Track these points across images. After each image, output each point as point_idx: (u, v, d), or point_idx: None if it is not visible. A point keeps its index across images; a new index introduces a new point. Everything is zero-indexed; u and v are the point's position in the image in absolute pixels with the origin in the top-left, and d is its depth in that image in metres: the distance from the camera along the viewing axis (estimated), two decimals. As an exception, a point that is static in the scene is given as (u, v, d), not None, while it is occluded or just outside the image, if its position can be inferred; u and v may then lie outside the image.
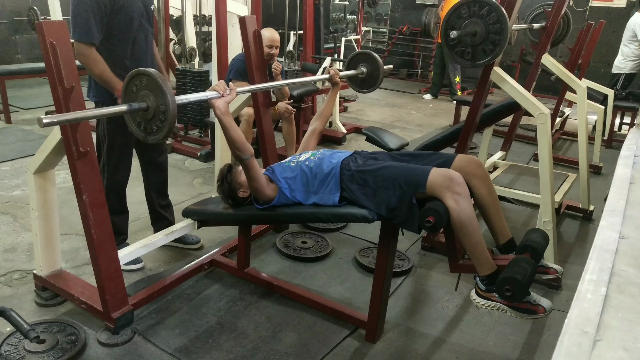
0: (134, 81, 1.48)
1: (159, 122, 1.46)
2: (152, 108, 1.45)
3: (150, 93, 1.44)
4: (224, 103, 1.79)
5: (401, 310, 2.39)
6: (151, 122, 1.48)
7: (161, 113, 1.44)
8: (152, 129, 1.50)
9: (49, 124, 1.37)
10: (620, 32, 6.08)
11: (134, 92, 1.49)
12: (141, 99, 1.47)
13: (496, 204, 1.94)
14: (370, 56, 2.55)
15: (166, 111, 1.42)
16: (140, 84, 1.47)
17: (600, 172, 4.60)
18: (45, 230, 2.21)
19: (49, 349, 1.93)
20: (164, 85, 1.41)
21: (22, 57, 7.18)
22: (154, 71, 1.46)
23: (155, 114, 1.46)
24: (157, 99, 1.43)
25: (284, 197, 2.03)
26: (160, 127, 1.46)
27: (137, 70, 1.49)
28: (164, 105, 1.42)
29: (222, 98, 1.79)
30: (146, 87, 1.45)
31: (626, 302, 0.80)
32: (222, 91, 1.79)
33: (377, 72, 2.53)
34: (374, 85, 2.58)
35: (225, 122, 1.80)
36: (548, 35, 3.37)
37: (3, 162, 3.92)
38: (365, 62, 2.56)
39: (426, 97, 7.68)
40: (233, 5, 4.36)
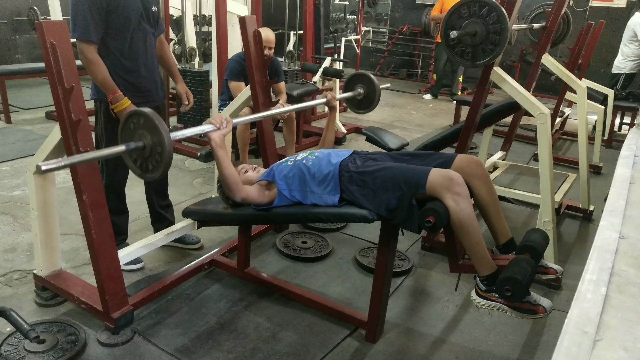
0: (132, 119, 1.50)
1: (155, 161, 1.48)
2: (148, 147, 1.47)
3: (147, 132, 1.46)
4: (220, 136, 1.81)
5: (401, 310, 2.39)
6: (148, 160, 1.49)
7: (157, 153, 1.46)
8: (148, 167, 1.51)
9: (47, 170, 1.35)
10: (620, 32, 6.08)
11: (132, 129, 1.50)
12: (138, 137, 1.48)
13: (496, 204, 1.94)
14: (366, 77, 2.59)
15: (162, 151, 1.44)
16: (137, 123, 1.48)
17: (600, 172, 4.60)
18: (45, 230, 2.21)
19: (49, 349, 1.93)
20: (160, 125, 1.43)
21: (22, 57, 7.18)
22: (150, 111, 1.47)
23: (152, 153, 1.47)
24: (153, 138, 1.45)
25: (284, 199, 2.03)
26: (157, 166, 1.48)
27: (134, 110, 1.51)
28: (159, 145, 1.44)
29: (218, 131, 1.82)
30: (143, 127, 1.47)
31: (626, 302, 0.80)
32: (218, 124, 1.82)
33: (373, 92, 2.56)
34: (371, 105, 2.61)
35: (220, 156, 1.82)
36: (548, 35, 3.37)
37: (3, 162, 3.93)
38: (362, 82, 2.59)
39: (426, 97, 7.68)
40: (233, 5, 4.35)
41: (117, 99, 2.20)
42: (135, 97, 2.36)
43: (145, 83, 2.39)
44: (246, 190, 1.95)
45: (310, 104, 2.50)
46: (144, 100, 2.41)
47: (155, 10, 2.39)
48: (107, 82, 2.19)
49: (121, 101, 2.20)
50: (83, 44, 2.14)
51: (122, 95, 2.20)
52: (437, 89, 7.66)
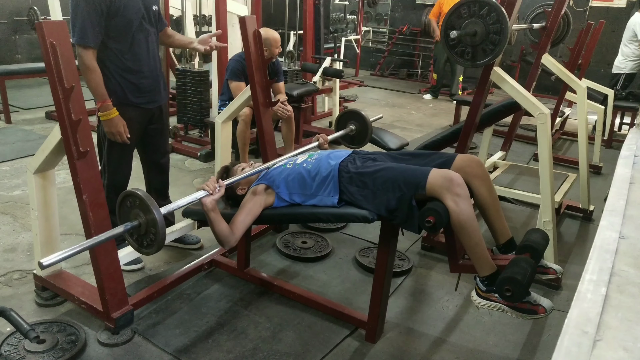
0: (128, 199, 1.59)
1: (150, 239, 1.57)
2: (144, 225, 1.56)
3: (141, 212, 1.56)
4: (211, 201, 1.84)
5: (401, 310, 2.39)
6: (144, 237, 1.59)
7: (152, 231, 1.55)
8: (143, 243, 1.61)
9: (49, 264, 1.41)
10: (620, 32, 6.08)
11: (128, 207, 1.59)
12: (134, 216, 1.58)
13: (496, 204, 1.94)
14: (356, 113, 2.61)
15: (156, 231, 1.54)
16: (133, 202, 1.57)
17: (600, 172, 4.60)
18: (45, 230, 2.21)
19: (49, 349, 1.93)
20: (152, 206, 1.51)
21: (22, 57, 7.18)
22: (142, 193, 1.54)
23: (147, 230, 1.56)
24: (146, 217, 1.54)
25: (283, 201, 2.02)
26: (153, 241, 1.57)
27: (127, 192, 1.59)
28: (153, 226, 1.54)
29: (210, 196, 1.84)
30: (138, 207, 1.56)
31: (626, 302, 0.80)
32: (211, 190, 1.84)
33: (365, 128, 2.58)
34: (364, 140, 2.63)
35: (212, 218, 1.86)
36: (548, 35, 3.37)
37: (3, 162, 3.93)
38: (353, 119, 2.61)
39: (426, 97, 7.67)
40: (233, 5, 4.36)
41: (106, 108, 2.21)
42: (138, 98, 2.37)
43: (147, 83, 2.39)
44: (238, 230, 1.95)
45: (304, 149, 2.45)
46: (147, 100, 2.41)
47: (156, 9, 2.40)
48: (100, 89, 2.19)
49: (109, 111, 2.21)
50: (81, 48, 2.15)
51: (111, 105, 2.22)
52: (438, 89, 7.66)
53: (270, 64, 3.76)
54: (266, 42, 3.14)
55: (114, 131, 2.26)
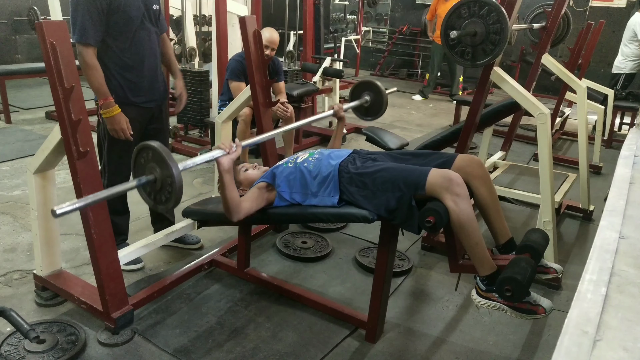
0: (142, 154, 1.54)
1: (167, 192, 1.51)
2: (159, 180, 1.50)
3: (157, 165, 1.50)
4: (229, 160, 1.81)
5: (401, 310, 2.39)
6: (160, 192, 1.53)
7: (168, 185, 1.49)
8: (161, 199, 1.55)
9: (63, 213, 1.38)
10: (620, 32, 6.08)
11: (142, 163, 1.54)
12: (149, 171, 1.52)
13: (496, 204, 1.94)
14: (371, 84, 2.57)
15: (172, 182, 1.48)
16: (147, 157, 1.52)
17: (600, 172, 4.60)
18: (45, 230, 2.21)
19: (49, 349, 1.93)
20: (169, 158, 1.46)
21: (22, 57, 7.18)
22: (159, 145, 1.50)
23: (163, 185, 1.51)
24: (162, 171, 1.49)
25: (284, 200, 2.03)
26: (169, 197, 1.51)
27: (143, 144, 1.54)
28: (169, 177, 1.47)
29: (227, 156, 1.80)
30: (153, 160, 1.51)
31: (626, 302, 0.80)
32: (227, 149, 1.81)
33: (380, 99, 2.54)
34: (379, 112, 2.59)
35: (226, 180, 1.82)
36: (548, 35, 3.37)
37: (3, 162, 3.93)
38: (368, 90, 2.57)
39: (415, 97, 7.60)
40: (233, 5, 4.36)
41: (108, 106, 2.21)
42: (138, 96, 2.37)
43: (147, 82, 2.39)
44: (244, 209, 1.94)
45: (318, 117, 2.47)
46: (147, 99, 2.41)
47: (157, 8, 2.39)
48: (101, 86, 2.19)
49: (111, 108, 2.21)
50: (81, 46, 2.15)
51: (113, 103, 2.22)
52: (429, 90, 7.58)
53: (270, 64, 3.76)
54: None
55: (117, 128, 2.26)
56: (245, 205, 1.95)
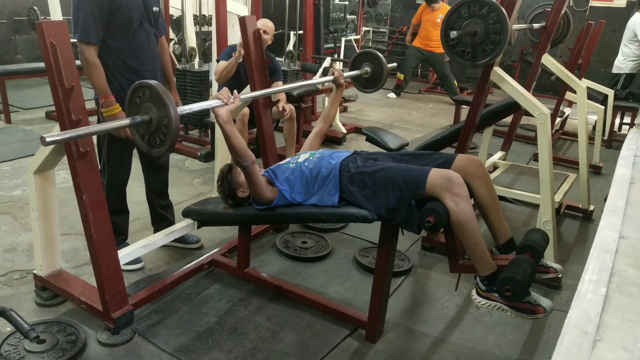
0: (137, 93, 1.48)
1: (162, 134, 1.47)
2: (155, 120, 1.45)
3: (153, 105, 1.44)
4: (226, 111, 1.78)
5: (401, 310, 2.39)
6: (155, 134, 1.48)
7: (164, 125, 1.45)
8: (155, 141, 1.50)
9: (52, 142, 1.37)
10: (620, 32, 6.08)
11: (137, 104, 1.48)
12: (144, 111, 1.47)
13: (496, 204, 1.94)
14: (373, 55, 2.54)
15: (169, 123, 1.43)
16: (143, 96, 1.47)
17: (600, 172, 4.60)
18: (45, 230, 2.21)
19: (49, 349, 1.93)
20: (166, 98, 1.41)
21: (22, 57, 7.18)
22: (156, 83, 1.45)
23: (159, 126, 1.46)
24: (159, 111, 1.43)
25: (283, 199, 2.03)
26: (164, 140, 1.47)
27: (140, 82, 1.49)
28: (166, 117, 1.43)
29: (225, 106, 1.78)
30: (149, 100, 1.45)
31: (626, 302, 0.80)
32: (225, 99, 1.78)
33: (380, 71, 2.53)
34: (378, 84, 2.57)
35: (227, 130, 1.80)
36: (548, 35, 3.37)
37: (3, 162, 3.92)
38: (369, 61, 2.55)
39: (390, 95, 7.62)
40: (233, 5, 4.36)
41: (109, 104, 2.21)
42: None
43: None
44: (255, 165, 1.91)
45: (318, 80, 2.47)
46: None
47: (157, 10, 2.40)
48: (103, 85, 2.19)
49: (112, 107, 2.21)
50: (83, 45, 2.15)
51: (114, 101, 2.22)
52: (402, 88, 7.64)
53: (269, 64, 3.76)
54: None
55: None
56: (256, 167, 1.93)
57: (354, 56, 2.62)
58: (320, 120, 2.48)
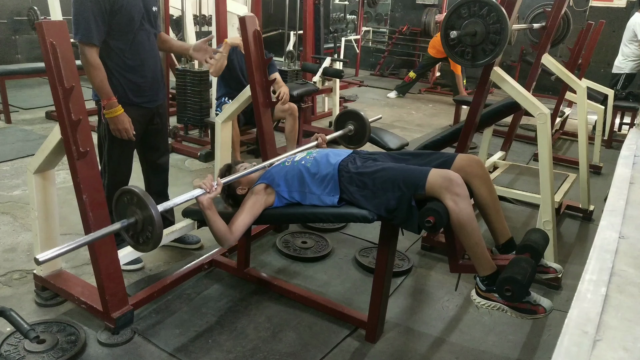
0: (125, 195, 1.58)
1: (148, 233, 1.56)
2: (140, 222, 1.55)
3: (137, 209, 1.55)
4: (207, 199, 1.85)
5: (401, 310, 2.39)
6: (140, 234, 1.58)
7: (148, 228, 1.54)
8: (141, 240, 1.59)
9: (45, 261, 1.41)
10: (620, 32, 6.08)
11: (125, 203, 1.59)
12: (130, 213, 1.57)
13: (496, 203, 1.94)
14: (355, 114, 2.61)
15: (152, 230, 1.53)
16: (130, 200, 1.56)
17: (600, 172, 4.60)
18: (45, 230, 2.21)
19: (49, 349, 1.93)
20: (148, 203, 1.51)
21: (22, 57, 7.18)
22: (139, 190, 1.53)
23: (144, 227, 1.55)
24: (143, 214, 1.53)
25: (283, 200, 2.02)
26: (149, 239, 1.56)
27: (123, 188, 1.58)
28: (150, 224, 1.52)
29: (207, 194, 1.84)
30: (135, 204, 1.55)
31: (626, 302, 0.80)
32: (207, 188, 1.84)
33: (363, 128, 2.59)
34: (362, 140, 2.63)
35: (208, 216, 1.86)
36: (548, 35, 3.37)
37: (3, 162, 3.92)
38: (352, 119, 2.62)
39: (391, 95, 7.61)
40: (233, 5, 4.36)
41: (111, 106, 2.21)
42: (138, 97, 2.37)
43: (148, 83, 2.39)
44: (237, 230, 1.94)
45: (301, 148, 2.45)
46: (147, 100, 2.41)
47: (156, 10, 2.40)
48: (105, 87, 2.19)
49: (114, 108, 2.21)
50: (85, 46, 2.14)
51: (116, 103, 2.22)
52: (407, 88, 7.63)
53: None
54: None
55: (120, 128, 2.26)
56: (238, 223, 1.95)
57: (337, 116, 2.68)
58: None
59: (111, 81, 2.25)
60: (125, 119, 2.26)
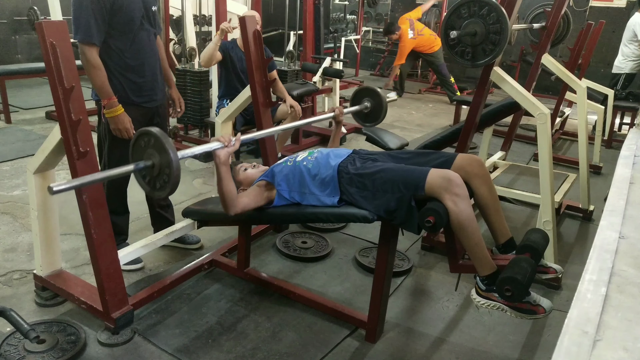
0: (143, 138, 1.55)
1: (163, 180, 1.53)
2: (157, 166, 1.52)
3: (156, 152, 1.51)
4: (226, 153, 1.81)
5: (401, 310, 2.39)
6: (156, 178, 1.55)
7: (165, 174, 1.51)
8: (156, 185, 1.56)
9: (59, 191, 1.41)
10: (620, 32, 6.07)
11: (142, 147, 1.55)
12: (148, 156, 1.53)
13: (496, 203, 1.94)
14: (372, 91, 2.59)
15: (170, 172, 1.49)
16: (148, 142, 1.53)
17: (600, 172, 4.60)
18: (45, 230, 2.21)
19: (49, 349, 1.93)
20: (167, 145, 1.48)
21: (22, 57, 7.18)
22: (158, 131, 1.51)
23: (161, 171, 1.52)
24: (161, 157, 1.50)
25: (283, 199, 2.03)
26: (164, 185, 1.53)
27: (143, 129, 1.55)
28: (168, 166, 1.49)
29: (225, 149, 1.81)
30: (152, 146, 1.52)
31: (626, 302, 0.80)
32: (226, 142, 1.81)
33: (380, 106, 2.57)
34: (378, 119, 2.61)
35: (222, 172, 1.83)
36: (548, 35, 3.37)
37: (3, 162, 3.92)
38: (368, 96, 2.60)
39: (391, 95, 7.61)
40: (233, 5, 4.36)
41: (112, 105, 2.21)
42: (138, 97, 2.37)
43: (148, 82, 2.39)
44: (242, 204, 1.94)
45: (319, 118, 2.50)
46: (147, 99, 2.41)
47: (155, 9, 2.40)
48: (105, 86, 2.19)
49: (115, 108, 2.21)
50: (85, 46, 2.14)
51: (116, 102, 2.22)
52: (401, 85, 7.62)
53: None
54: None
55: (120, 128, 2.26)
56: (243, 200, 1.95)
57: (354, 92, 2.66)
58: None
59: (111, 81, 2.25)
60: (126, 118, 2.26)
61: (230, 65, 3.76)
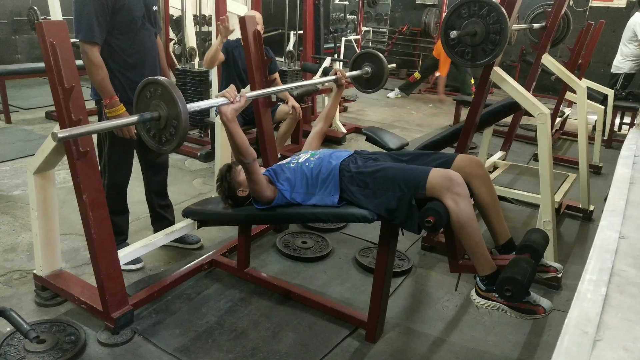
0: (148, 88, 1.47)
1: (169, 133, 1.46)
2: (164, 117, 1.44)
3: (163, 102, 1.43)
4: (231, 110, 1.79)
5: (401, 310, 2.39)
6: (163, 131, 1.47)
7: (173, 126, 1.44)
8: (162, 139, 1.49)
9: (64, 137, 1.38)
10: (620, 32, 6.08)
11: (147, 98, 1.47)
12: (153, 108, 1.45)
13: (496, 204, 1.94)
14: (374, 55, 2.54)
15: (178, 124, 1.42)
16: (154, 92, 1.46)
17: (600, 172, 4.60)
18: (45, 230, 2.21)
19: (49, 349, 1.93)
20: (177, 95, 1.41)
21: (22, 57, 7.18)
22: (167, 80, 1.45)
23: (168, 124, 1.45)
24: (169, 108, 1.42)
25: (284, 199, 2.03)
26: (171, 139, 1.46)
27: (150, 78, 1.48)
28: (176, 117, 1.41)
29: (230, 105, 1.79)
30: (159, 97, 1.44)
31: (626, 302, 0.80)
32: (232, 98, 1.79)
33: (381, 72, 2.53)
34: (378, 85, 2.57)
35: (231, 128, 1.81)
36: (548, 35, 3.37)
37: (3, 162, 3.92)
38: (370, 61, 2.55)
39: (391, 95, 7.60)
40: (233, 5, 4.36)
41: (113, 105, 2.21)
42: None
43: None
44: (256, 163, 1.93)
45: (320, 80, 2.48)
46: None
47: (155, 9, 2.40)
48: (106, 85, 2.19)
49: (117, 107, 2.21)
50: (87, 45, 2.14)
51: (118, 102, 2.21)
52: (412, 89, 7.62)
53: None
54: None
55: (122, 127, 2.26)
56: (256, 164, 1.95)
57: (355, 56, 2.61)
58: (319, 119, 2.48)
59: (112, 80, 2.25)
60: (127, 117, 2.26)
61: (233, 64, 3.76)
